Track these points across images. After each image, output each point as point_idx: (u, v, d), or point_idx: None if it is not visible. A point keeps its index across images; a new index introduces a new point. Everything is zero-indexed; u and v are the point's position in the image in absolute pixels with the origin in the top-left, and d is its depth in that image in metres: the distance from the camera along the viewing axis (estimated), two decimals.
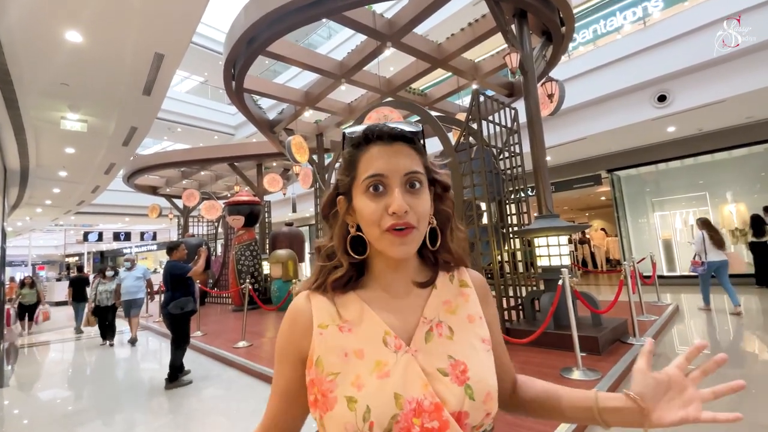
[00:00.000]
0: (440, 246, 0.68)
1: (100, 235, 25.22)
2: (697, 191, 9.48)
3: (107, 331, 6.96)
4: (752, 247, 7.75)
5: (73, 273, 10.11)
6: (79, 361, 6.57)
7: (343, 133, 0.66)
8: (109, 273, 7.21)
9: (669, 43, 7.21)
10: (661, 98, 7.29)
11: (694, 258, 6.15)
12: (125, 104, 5.43)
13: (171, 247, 4.58)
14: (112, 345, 6.88)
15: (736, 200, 8.71)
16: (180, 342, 4.38)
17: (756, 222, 7.61)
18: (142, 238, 25.75)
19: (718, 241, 5.90)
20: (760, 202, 8.43)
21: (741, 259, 7.53)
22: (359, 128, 0.64)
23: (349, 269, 0.65)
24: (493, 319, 0.71)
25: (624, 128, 7.96)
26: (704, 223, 6.16)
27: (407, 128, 0.63)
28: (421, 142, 0.65)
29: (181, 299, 4.35)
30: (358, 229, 0.64)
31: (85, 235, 24.73)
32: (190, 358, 4.71)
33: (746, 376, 3.47)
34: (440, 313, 0.65)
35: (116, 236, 24.97)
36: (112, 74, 4.68)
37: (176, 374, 4.30)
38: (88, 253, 30.29)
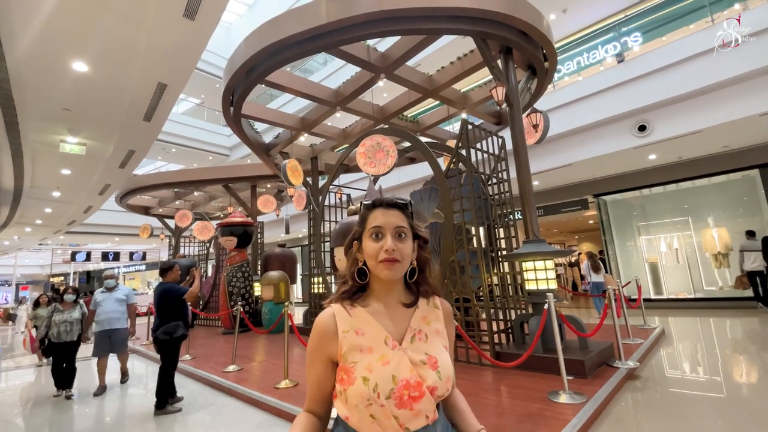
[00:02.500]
0: (422, 279, 1.02)
1: (88, 254, 24.85)
2: (680, 216, 9.79)
3: (64, 378, 5.06)
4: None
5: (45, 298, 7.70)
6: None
7: (362, 203, 1.05)
8: (70, 297, 5.22)
9: (648, 76, 7.63)
10: (642, 128, 7.65)
11: (582, 279, 8.47)
12: (125, 129, 5.57)
13: (165, 268, 4.46)
14: (70, 397, 4.92)
15: (717, 225, 9.02)
16: (167, 368, 4.29)
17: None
18: (131, 259, 25.41)
19: (595, 267, 8.07)
20: (742, 226, 8.75)
21: (614, 280, 9.07)
22: (370, 201, 1.01)
23: (353, 287, 0.99)
24: (450, 337, 1.04)
25: (607, 156, 8.29)
26: (588, 254, 8.62)
27: (399, 201, 0.99)
28: (409, 209, 1.00)
29: (170, 324, 4.24)
30: (365, 264, 0.98)
31: (73, 255, 24.34)
32: (177, 383, 4.63)
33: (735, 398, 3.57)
34: (421, 325, 0.97)
35: (104, 256, 24.61)
36: (115, 101, 4.83)
37: (165, 401, 4.23)
38: (74, 273, 29.70)
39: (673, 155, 8.69)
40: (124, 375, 5.56)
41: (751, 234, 7.91)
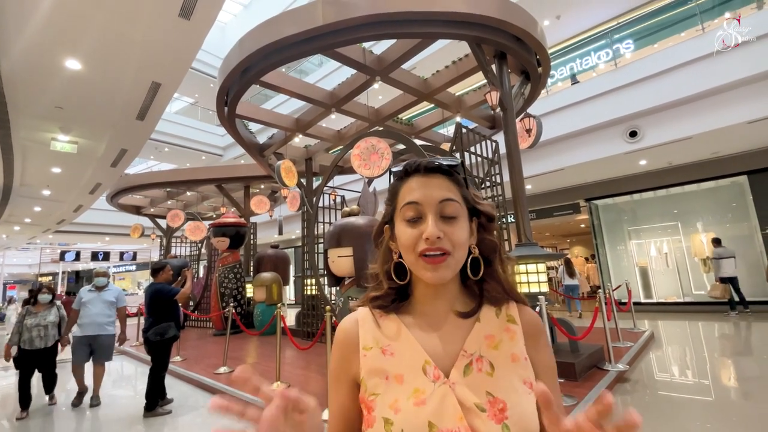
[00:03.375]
0: (487, 276, 0.69)
1: (78, 254, 24.52)
2: (670, 221, 9.93)
3: (46, 385, 4.49)
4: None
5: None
6: None
7: (389, 170, 0.73)
8: (45, 297, 4.46)
9: (639, 83, 7.75)
10: (632, 134, 7.76)
11: (560, 281, 9.63)
12: (118, 128, 5.53)
13: (156, 269, 4.42)
14: (54, 403, 4.57)
15: (706, 230, 9.16)
16: (157, 369, 4.26)
17: None
18: (121, 258, 25.12)
19: (570, 272, 9.35)
20: (730, 231, 8.90)
21: (586, 282, 10.57)
22: (403, 164, 0.70)
23: (389, 293, 0.69)
24: (544, 369, 0.66)
25: (599, 161, 8.39)
26: (565, 260, 9.71)
27: (444, 161, 0.67)
28: (461, 174, 0.68)
29: (162, 325, 4.20)
30: (400, 257, 0.67)
31: (62, 254, 24.00)
32: (167, 384, 4.59)
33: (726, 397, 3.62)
34: (482, 348, 0.63)
35: (94, 256, 24.29)
36: (108, 100, 4.80)
37: (155, 402, 4.19)
38: (63, 272, 29.28)
39: (663, 161, 8.82)
40: (95, 397, 4.48)
41: (718, 242, 8.07)
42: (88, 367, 4.55)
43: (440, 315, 0.67)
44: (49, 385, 4.55)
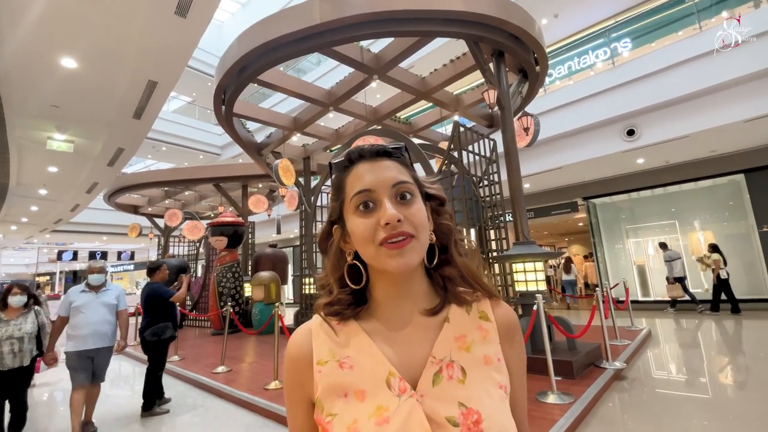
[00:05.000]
0: (445, 264, 0.63)
1: (75, 253, 24.45)
2: (667, 219, 9.95)
3: (13, 422, 3.25)
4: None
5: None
6: None
7: (330, 164, 0.65)
8: (18, 300, 3.26)
9: (637, 82, 7.75)
10: (630, 132, 7.77)
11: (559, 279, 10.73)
12: (114, 127, 5.50)
13: (153, 268, 4.41)
14: None
15: (703, 228, 9.19)
16: (154, 369, 4.25)
17: None
18: (119, 258, 25.06)
19: (567, 268, 10.87)
20: (727, 230, 8.93)
21: (580, 277, 11.86)
22: (343, 154, 0.64)
23: (344, 299, 0.61)
24: (516, 367, 0.62)
25: (596, 159, 8.40)
26: (566, 258, 11.30)
27: (389, 147, 0.62)
28: (406, 156, 0.63)
29: (159, 325, 4.19)
30: (356, 257, 0.61)
31: (59, 254, 23.92)
32: (165, 384, 4.59)
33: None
34: (452, 351, 0.57)
35: (92, 255, 24.20)
36: (104, 98, 4.77)
37: (152, 402, 4.18)
38: (60, 272, 29.18)
39: (660, 159, 8.83)
40: (89, 424, 3.65)
41: (664, 246, 8.79)
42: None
43: (404, 317, 0.60)
44: (18, 423, 3.26)
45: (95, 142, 6.04)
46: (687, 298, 8.52)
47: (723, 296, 7.89)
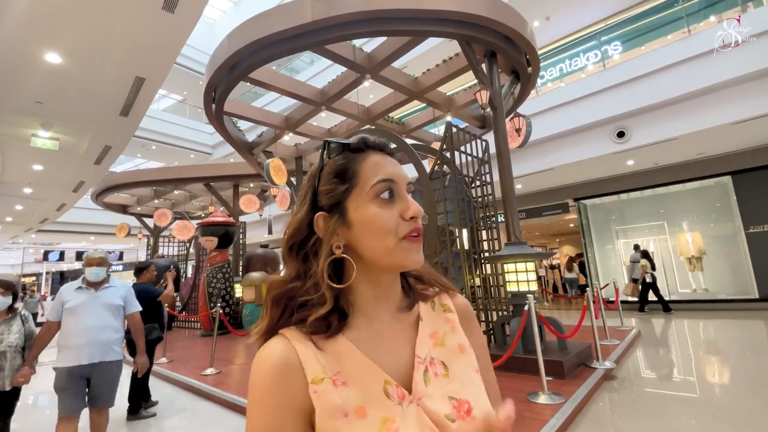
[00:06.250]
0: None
1: (62, 254, 23.98)
2: (656, 220, 10.07)
3: None
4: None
5: None
6: None
7: (327, 141, 0.59)
8: (2, 302, 2.67)
9: (627, 84, 7.83)
10: (620, 134, 7.84)
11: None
12: (101, 124, 5.39)
13: (140, 268, 4.35)
14: None
15: (691, 229, 9.32)
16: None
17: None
18: None
19: (569, 267, 12.16)
20: (714, 231, 9.06)
21: (582, 276, 11.96)
22: (354, 138, 0.60)
23: (334, 306, 0.54)
24: (479, 348, 0.63)
25: (587, 161, 8.47)
26: (569, 258, 12.61)
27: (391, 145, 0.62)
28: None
29: (146, 326, 4.12)
30: (344, 251, 0.56)
31: (46, 254, 23.45)
32: (152, 387, 4.50)
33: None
34: (430, 349, 0.57)
35: (79, 256, 23.76)
36: (90, 95, 4.67)
37: (138, 405, 4.10)
38: (47, 272, 28.61)
39: (650, 161, 8.93)
40: None
41: (636, 247, 9.13)
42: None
43: (384, 320, 0.57)
44: None
45: (81, 140, 5.92)
46: (634, 298, 8.95)
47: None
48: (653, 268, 8.58)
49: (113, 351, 2.80)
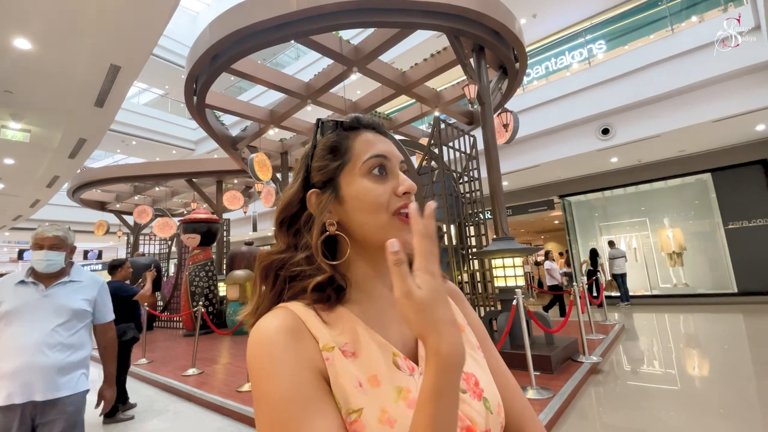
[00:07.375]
0: None
1: None
2: (638, 217, 10.27)
3: None
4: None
5: None
6: None
7: (320, 120, 0.59)
8: None
9: (612, 82, 7.93)
10: (605, 131, 7.94)
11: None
12: (74, 115, 5.15)
13: (114, 266, 4.15)
14: None
15: (672, 226, 9.52)
16: (117, 372, 4.00)
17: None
18: (85, 257, 23.89)
19: (567, 262, 11.01)
20: (694, 227, 9.28)
21: (579, 270, 11.55)
22: (347, 116, 0.60)
23: (326, 276, 0.53)
24: (479, 331, 0.63)
25: (572, 157, 8.55)
26: (560, 253, 12.22)
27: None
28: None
29: (120, 326, 3.91)
30: (338, 228, 0.55)
31: (20, 253, 22.59)
32: (130, 388, 4.34)
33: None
34: None
35: None
36: (62, 84, 4.44)
37: (115, 408, 3.94)
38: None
39: (633, 158, 9.08)
40: None
41: (612, 244, 9.42)
42: None
43: (383, 296, 0.56)
44: None
45: (54, 132, 5.65)
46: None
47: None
48: (593, 265, 8.93)
49: (70, 381, 1.79)
